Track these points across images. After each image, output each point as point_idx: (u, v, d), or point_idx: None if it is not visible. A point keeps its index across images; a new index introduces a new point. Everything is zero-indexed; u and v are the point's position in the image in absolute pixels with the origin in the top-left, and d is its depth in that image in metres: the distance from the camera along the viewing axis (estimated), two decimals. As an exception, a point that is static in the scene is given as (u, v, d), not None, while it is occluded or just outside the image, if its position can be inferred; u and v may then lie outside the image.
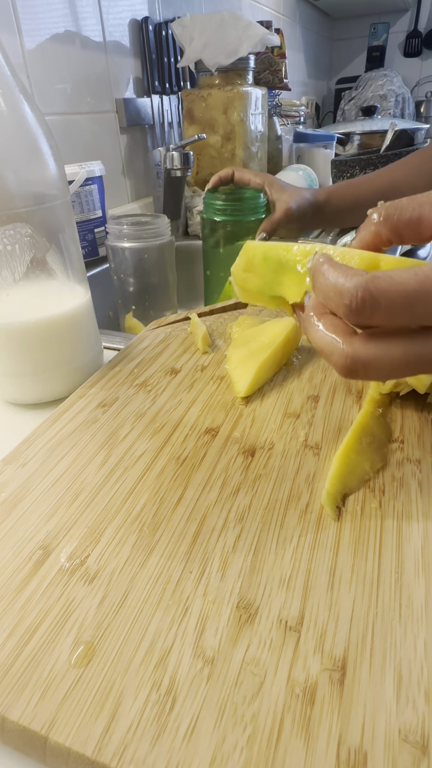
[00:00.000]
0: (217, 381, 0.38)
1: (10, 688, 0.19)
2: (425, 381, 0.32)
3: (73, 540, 0.25)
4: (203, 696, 0.18)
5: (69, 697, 0.18)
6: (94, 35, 0.84)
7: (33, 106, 0.33)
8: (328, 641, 0.20)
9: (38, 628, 0.21)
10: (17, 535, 0.25)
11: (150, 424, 0.33)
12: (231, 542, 0.24)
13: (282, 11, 1.71)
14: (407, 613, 0.21)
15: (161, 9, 1.02)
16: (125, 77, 0.94)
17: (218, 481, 0.28)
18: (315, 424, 0.33)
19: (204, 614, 0.21)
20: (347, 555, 0.23)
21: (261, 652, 0.19)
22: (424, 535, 0.24)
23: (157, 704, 0.18)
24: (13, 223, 0.33)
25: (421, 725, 0.17)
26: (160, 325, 0.48)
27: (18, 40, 0.70)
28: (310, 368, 0.39)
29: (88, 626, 0.21)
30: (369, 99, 2.02)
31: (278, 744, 0.17)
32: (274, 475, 0.28)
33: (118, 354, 0.43)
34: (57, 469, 0.29)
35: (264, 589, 0.22)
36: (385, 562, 0.23)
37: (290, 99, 1.53)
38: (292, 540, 0.24)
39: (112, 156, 0.93)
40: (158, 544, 0.24)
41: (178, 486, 0.28)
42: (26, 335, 0.36)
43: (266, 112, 1.01)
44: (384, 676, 0.18)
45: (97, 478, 0.29)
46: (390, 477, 0.28)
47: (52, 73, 0.77)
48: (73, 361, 0.39)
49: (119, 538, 0.25)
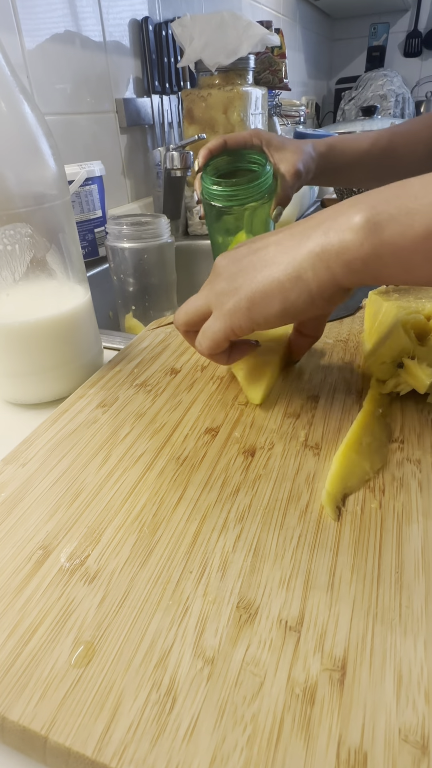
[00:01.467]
0: (217, 381, 0.38)
1: (10, 688, 0.19)
2: (425, 381, 0.32)
3: (73, 540, 0.25)
4: (203, 696, 0.18)
5: (69, 697, 0.18)
6: (94, 35, 0.84)
7: (33, 106, 0.33)
8: (328, 641, 0.20)
9: (38, 628, 0.21)
10: (17, 535, 0.25)
11: (150, 424, 0.33)
12: (231, 542, 0.24)
13: (282, 11, 1.71)
14: (407, 613, 0.21)
15: (161, 9, 1.02)
16: (125, 77, 0.94)
17: (218, 481, 0.28)
18: (315, 424, 0.33)
19: (204, 614, 0.21)
20: (347, 555, 0.23)
21: (261, 652, 0.19)
22: (424, 535, 0.24)
23: (157, 704, 0.18)
24: (13, 223, 0.33)
25: (421, 725, 0.17)
26: (160, 325, 0.48)
27: (18, 40, 0.70)
28: (310, 368, 0.39)
29: (88, 626, 0.21)
30: (369, 99, 2.02)
31: (278, 744, 0.17)
32: (274, 475, 0.28)
33: (118, 354, 0.43)
34: (57, 469, 0.29)
35: (264, 589, 0.22)
36: (385, 562, 0.23)
37: (290, 99, 1.53)
38: (292, 540, 0.24)
39: (112, 156, 0.93)
40: (158, 544, 0.24)
41: (178, 486, 0.28)
42: (26, 335, 0.36)
43: (266, 112, 1.01)
44: (384, 676, 0.18)
45: (97, 478, 0.29)
46: (390, 477, 0.28)
47: (52, 73, 0.77)
48: (73, 361, 0.39)
49: (119, 538, 0.25)
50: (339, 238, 0.25)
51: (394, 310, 0.35)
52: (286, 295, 0.27)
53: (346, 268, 0.25)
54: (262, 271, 0.28)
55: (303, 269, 0.26)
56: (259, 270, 0.28)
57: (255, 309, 0.28)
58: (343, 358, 0.41)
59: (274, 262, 0.28)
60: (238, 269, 0.30)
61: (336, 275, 0.26)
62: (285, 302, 0.27)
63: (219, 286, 0.30)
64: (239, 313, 0.29)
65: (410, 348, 0.33)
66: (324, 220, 0.27)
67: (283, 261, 0.27)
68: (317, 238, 0.26)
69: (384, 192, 0.25)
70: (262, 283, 0.28)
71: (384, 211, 0.24)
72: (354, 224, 0.25)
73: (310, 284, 0.26)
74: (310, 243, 0.26)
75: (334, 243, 0.25)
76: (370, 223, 0.24)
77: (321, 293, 0.27)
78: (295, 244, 0.27)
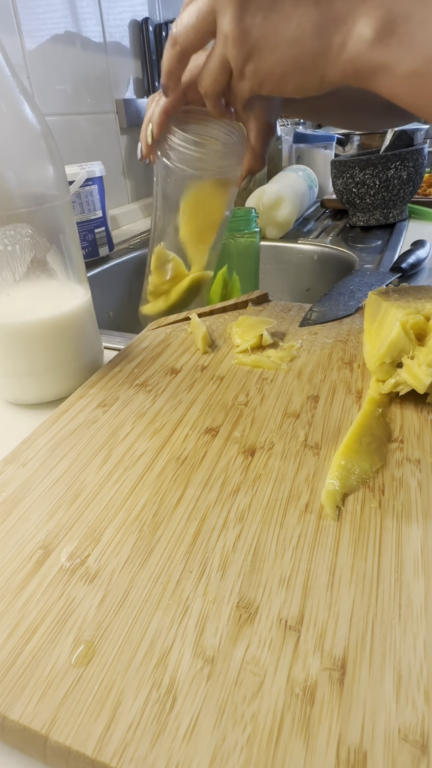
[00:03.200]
0: (217, 381, 0.38)
1: (11, 687, 0.19)
2: (425, 381, 0.32)
3: (73, 540, 0.25)
4: (203, 695, 0.18)
5: (69, 697, 0.18)
6: (95, 36, 0.85)
7: (33, 106, 0.33)
8: (327, 641, 0.20)
9: (38, 627, 0.21)
10: (17, 535, 0.25)
11: (150, 424, 0.33)
12: (231, 542, 0.24)
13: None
14: (407, 612, 0.21)
15: (161, 9, 1.02)
16: (125, 78, 0.94)
17: (218, 481, 0.28)
18: (315, 424, 0.33)
19: (204, 614, 0.21)
20: (347, 555, 0.23)
21: (261, 652, 0.19)
22: (423, 535, 0.24)
23: (157, 704, 0.18)
24: (13, 224, 0.33)
25: (420, 725, 0.17)
26: (160, 326, 0.48)
27: (18, 41, 0.70)
28: (310, 368, 0.39)
29: (89, 626, 0.21)
30: (369, 99, 2.01)
31: (278, 743, 0.17)
32: (274, 475, 0.28)
33: (118, 354, 0.43)
34: (57, 469, 0.30)
35: (264, 589, 0.22)
36: (384, 561, 0.23)
37: (290, 99, 1.53)
38: (292, 540, 0.24)
39: (112, 156, 0.93)
40: (158, 544, 0.24)
41: (178, 486, 0.28)
42: (26, 335, 0.36)
43: (266, 112, 1.01)
44: (384, 675, 0.18)
45: (97, 478, 0.29)
46: (390, 477, 0.28)
47: (53, 73, 0.77)
48: (73, 361, 0.39)
49: (119, 538, 0.25)
50: (356, 47, 0.29)
51: (394, 310, 0.35)
52: (305, 63, 0.30)
53: (355, 72, 0.30)
54: (285, 46, 0.30)
55: (322, 62, 0.30)
56: (283, 39, 0.30)
57: (273, 81, 0.31)
58: (343, 358, 0.41)
59: (296, 37, 0.30)
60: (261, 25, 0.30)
61: (346, 72, 0.30)
62: (299, 84, 0.31)
63: (235, 29, 0.31)
64: (263, 78, 0.32)
65: (410, 348, 0.33)
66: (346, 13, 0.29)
67: (309, 35, 0.30)
68: (337, 35, 0.29)
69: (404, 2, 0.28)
70: (286, 57, 0.30)
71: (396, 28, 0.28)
72: (367, 36, 0.28)
73: (324, 75, 0.31)
74: (331, 38, 0.29)
75: (351, 51, 0.29)
76: (380, 36, 0.28)
77: (330, 82, 0.31)
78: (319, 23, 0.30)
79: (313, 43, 0.30)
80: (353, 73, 0.30)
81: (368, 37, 0.28)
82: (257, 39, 0.31)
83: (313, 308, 0.50)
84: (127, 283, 0.84)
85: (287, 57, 0.31)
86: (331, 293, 0.53)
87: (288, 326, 0.47)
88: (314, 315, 0.49)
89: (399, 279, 0.63)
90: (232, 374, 0.39)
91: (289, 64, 0.31)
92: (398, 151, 0.86)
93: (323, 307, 0.50)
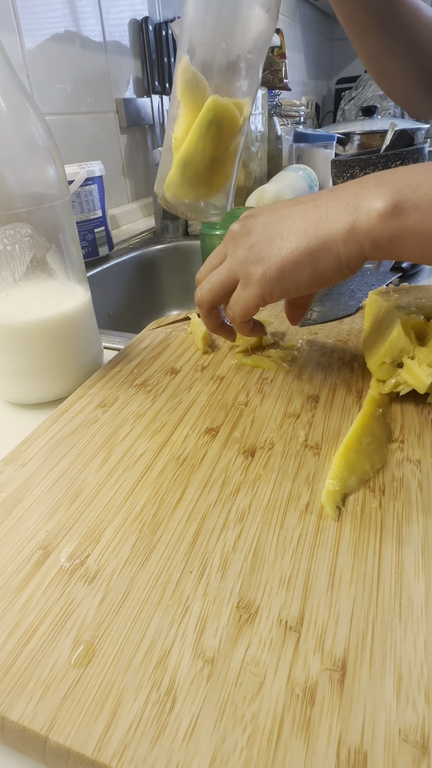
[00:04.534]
0: (217, 381, 0.38)
1: (10, 688, 0.19)
2: (425, 381, 0.32)
3: (73, 540, 0.25)
4: (203, 696, 0.18)
5: (69, 697, 0.18)
6: (94, 35, 0.84)
7: (33, 106, 0.33)
8: (328, 641, 0.20)
9: (38, 628, 0.21)
10: (17, 535, 0.25)
11: (150, 424, 0.33)
12: (231, 542, 0.24)
13: (282, 11, 1.71)
14: (407, 613, 0.21)
15: (161, 9, 1.02)
16: (125, 77, 0.94)
17: (218, 481, 0.28)
18: (315, 424, 0.33)
19: (204, 614, 0.21)
20: (347, 555, 0.23)
21: (261, 652, 0.19)
22: (424, 535, 0.24)
23: (157, 704, 0.18)
24: (13, 223, 0.33)
25: (421, 725, 0.17)
26: (160, 325, 0.48)
27: (18, 40, 0.70)
28: (310, 368, 0.39)
29: (88, 626, 0.21)
30: (369, 99, 2.02)
31: (278, 744, 0.17)
32: (274, 475, 0.28)
33: (118, 354, 0.43)
34: (57, 469, 0.29)
35: (264, 589, 0.22)
36: (385, 562, 0.23)
37: (290, 99, 1.53)
38: (292, 540, 0.24)
39: (112, 156, 0.93)
40: (158, 544, 0.24)
41: (178, 486, 0.28)
42: (26, 335, 0.36)
43: (266, 112, 1.01)
44: (384, 676, 0.18)
45: (97, 478, 0.29)
46: (390, 477, 0.28)
47: (52, 73, 0.77)
48: (73, 361, 0.39)
49: (119, 538, 0.25)
50: (367, 218, 0.28)
51: (394, 310, 0.35)
52: (316, 265, 0.30)
53: (373, 244, 0.28)
54: (289, 241, 0.30)
55: (334, 242, 0.29)
56: (286, 239, 0.30)
57: (286, 277, 0.30)
58: (343, 358, 0.41)
59: (303, 233, 0.30)
60: (261, 238, 0.31)
61: (364, 249, 0.29)
62: (315, 271, 0.30)
63: (241, 254, 0.32)
64: (271, 281, 0.31)
65: (410, 348, 0.33)
66: (351, 197, 0.29)
67: (312, 233, 0.30)
68: (347, 216, 0.29)
69: (410, 176, 0.28)
70: (293, 252, 0.30)
71: (409, 199, 0.27)
72: (381, 209, 0.27)
73: (339, 255, 0.29)
74: (340, 219, 0.29)
75: (363, 222, 0.28)
76: (396, 209, 0.27)
77: (348, 263, 0.29)
78: (323, 217, 0.30)
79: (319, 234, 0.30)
80: (371, 246, 0.29)
81: (380, 209, 0.27)
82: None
83: (314, 308, 0.50)
84: (127, 282, 0.84)
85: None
86: (332, 293, 0.53)
87: (288, 326, 0.47)
88: (314, 315, 0.49)
89: (399, 279, 0.63)
90: (232, 374, 0.39)
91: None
92: (398, 150, 0.86)
93: (323, 306, 0.50)
